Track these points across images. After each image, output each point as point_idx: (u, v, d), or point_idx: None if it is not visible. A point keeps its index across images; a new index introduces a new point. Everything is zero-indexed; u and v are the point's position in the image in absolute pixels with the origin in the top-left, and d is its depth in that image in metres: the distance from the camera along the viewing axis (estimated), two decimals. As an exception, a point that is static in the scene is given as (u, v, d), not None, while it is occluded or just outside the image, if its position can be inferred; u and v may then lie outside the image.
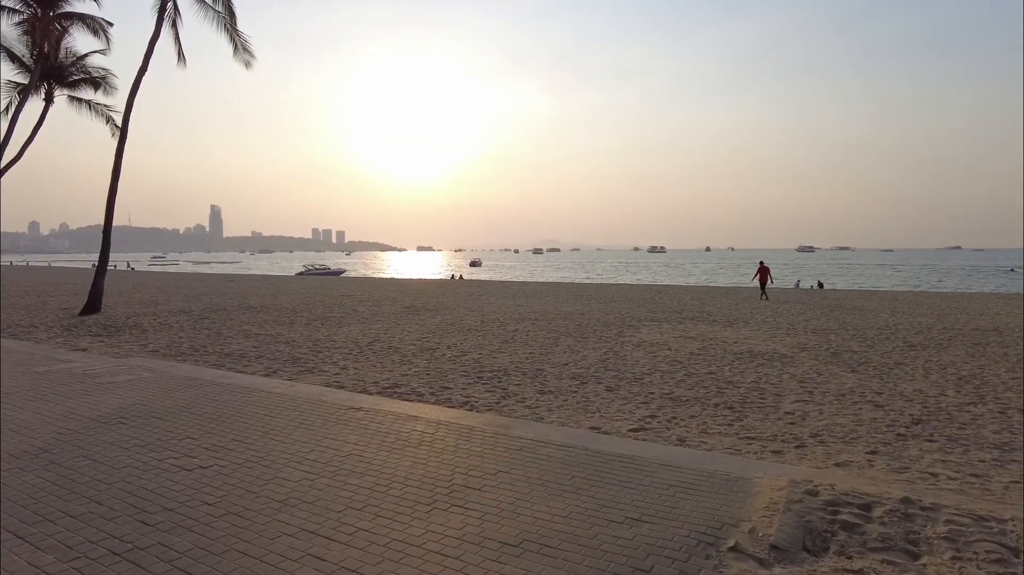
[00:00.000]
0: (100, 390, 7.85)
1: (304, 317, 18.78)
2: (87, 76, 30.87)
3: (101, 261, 20.30)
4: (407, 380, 9.50)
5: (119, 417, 6.62)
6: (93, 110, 31.39)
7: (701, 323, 17.59)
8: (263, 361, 11.11)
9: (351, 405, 7.29)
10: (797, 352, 12.58)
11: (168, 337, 14.12)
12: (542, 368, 10.60)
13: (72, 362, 10.01)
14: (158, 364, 9.98)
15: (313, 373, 10.05)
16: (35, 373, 9.02)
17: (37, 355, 10.75)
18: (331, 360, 11.33)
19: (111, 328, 15.80)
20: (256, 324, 16.95)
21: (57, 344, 12.96)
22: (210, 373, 9.19)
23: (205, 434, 6.06)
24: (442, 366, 10.75)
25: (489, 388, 9.00)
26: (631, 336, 14.86)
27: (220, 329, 15.75)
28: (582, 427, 6.92)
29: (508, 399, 8.32)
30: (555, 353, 12.23)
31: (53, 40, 28.33)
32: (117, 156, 20.40)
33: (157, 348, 12.43)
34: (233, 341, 13.58)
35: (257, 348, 12.65)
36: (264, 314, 19.64)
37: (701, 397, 8.64)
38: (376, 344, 13.34)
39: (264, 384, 8.45)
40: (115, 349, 12.30)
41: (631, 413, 7.70)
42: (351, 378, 9.63)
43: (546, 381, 9.55)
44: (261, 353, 11.98)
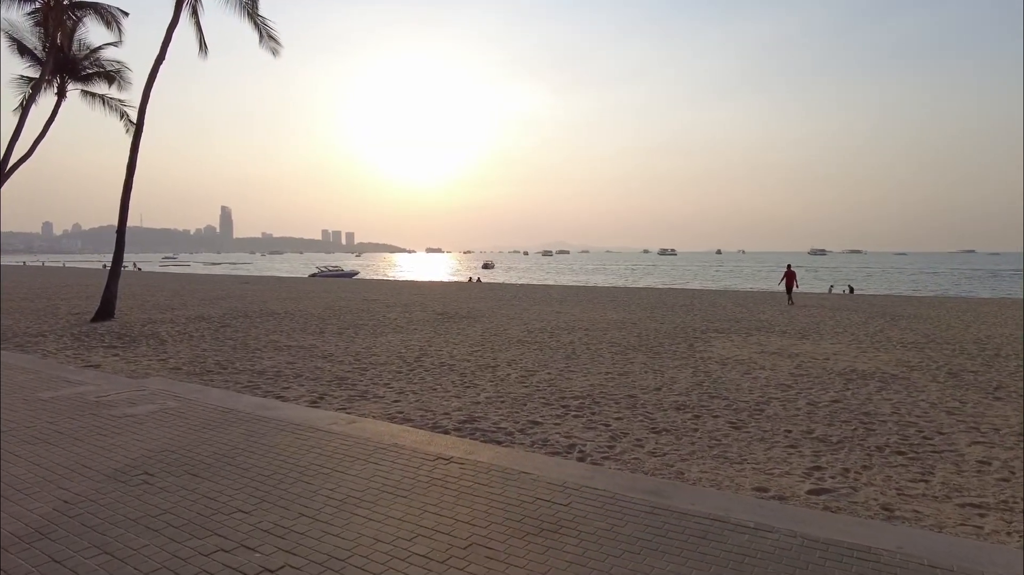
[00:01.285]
0: (117, 428, 6.25)
1: (333, 325, 17.21)
2: (101, 70, 29.50)
3: (115, 264, 18.82)
4: (483, 411, 7.88)
5: (143, 472, 5.02)
6: (107, 105, 30.04)
7: (771, 335, 15.91)
8: (304, 382, 9.51)
9: (438, 453, 5.65)
10: (906, 371, 10.94)
11: (190, 350, 12.56)
12: (633, 395, 8.95)
13: (83, 384, 8.44)
14: (183, 388, 8.40)
15: (367, 399, 8.44)
16: (39, 401, 7.45)
17: (43, 374, 9.19)
18: (381, 381, 9.73)
19: (126, 338, 14.26)
20: (284, 333, 15.39)
21: (67, 357, 11.42)
22: (247, 401, 7.58)
23: (260, 504, 4.44)
24: (513, 390, 9.12)
25: (587, 423, 7.36)
26: (705, 351, 13.20)
27: (246, 339, 14.18)
28: (744, 488, 5.27)
29: (620, 441, 6.68)
30: (635, 373, 10.58)
31: (66, 31, 26.94)
32: (132, 151, 18.93)
33: (179, 364, 10.86)
34: (263, 355, 12.01)
35: (292, 364, 11.08)
36: (290, 321, 18.08)
37: (850, 436, 6.99)
38: (425, 359, 11.73)
39: (317, 419, 6.84)
40: (132, 365, 10.74)
41: (785, 462, 6.06)
42: (415, 407, 8.01)
43: (650, 414, 7.90)
44: (299, 371, 10.39)
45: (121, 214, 18.70)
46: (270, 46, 22.14)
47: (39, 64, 27.59)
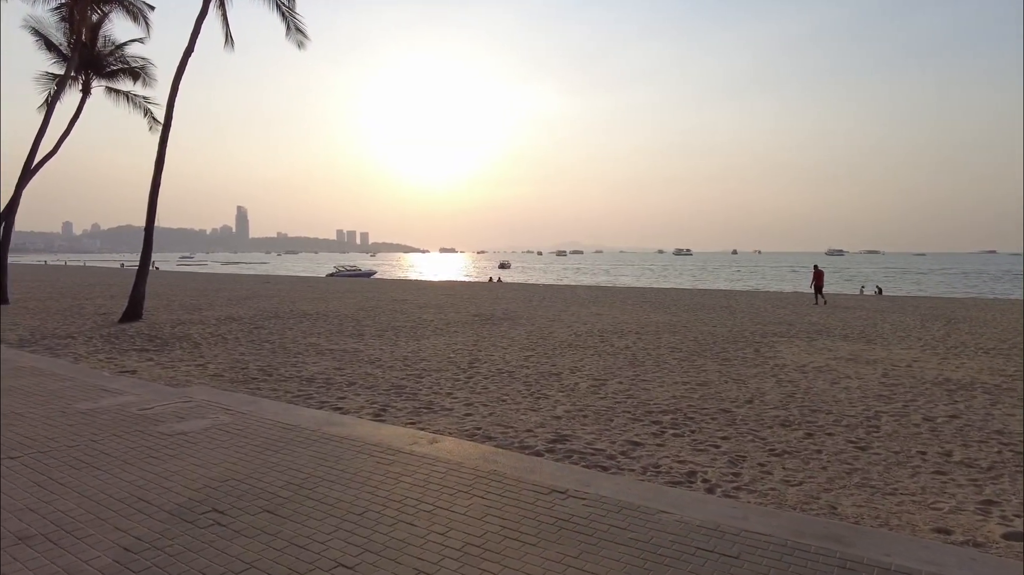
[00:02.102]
0: (170, 449, 5.45)
1: (370, 327, 16.42)
2: (126, 66, 28.97)
3: (143, 263, 18.15)
4: (568, 427, 7.01)
5: (210, 508, 4.21)
6: (131, 102, 29.55)
7: (834, 339, 14.96)
8: (359, 391, 8.71)
9: (548, 484, 4.80)
10: (1009, 381, 10.03)
11: (227, 354, 11.80)
12: (726, 409, 8.05)
13: (122, 394, 7.67)
14: (232, 399, 7.60)
15: (434, 411, 7.60)
16: (78, 413, 6.67)
17: (78, 381, 8.44)
18: (442, 389, 8.91)
19: (157, 340, 13.55)
20: (322, 336, 14.63)
21: (100, 361, 10.71)
22: (308, 415, 6.77)
23: (363, 555, 3.61)
24: (590, 402, 8.26)
25: (693, 444, 6.48)
26: (775, 357, 12.28)
27: (283, 342, 13.42)
28: (920, 529, 4.39)
29: (740, 466, 5.80)
30: (714, 383, 9.69)
31: (91, 26, 26.40)
32: (161, 146, 18.25)
33: (219, 370, 10.09)
34: (307, 360, 11.23)
35: (341, 370, 10.28)
36: (323, 322, 17.32)
37: (1000, 460, 6.10)
38: (479, 366, 10.89)
39: (393, 437, 6.01)
40: (169, 371, 9.98)
41: (943, 492, 5.21)
42: (491, 422, 7.16)
43: (756, 431, 7.01)
44: (351, 379, 9.59)
45: (149, 212, 18.04)
46: (296, 39, 21.44)
47: (64, 60, 27.11)
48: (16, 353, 11.10)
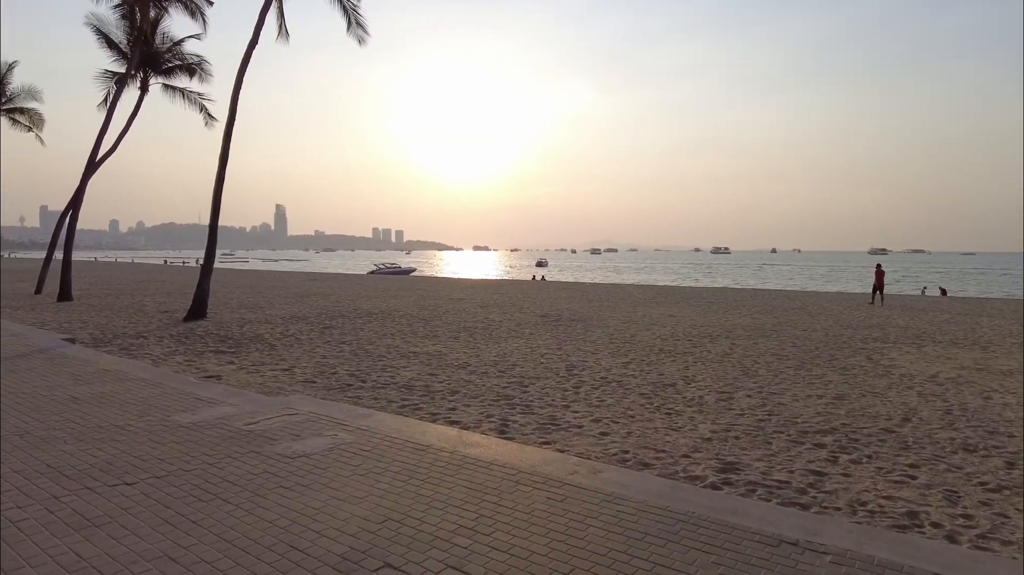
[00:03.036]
0: (299, 476, 4.73)
1: (442, 328, 15.70)
2: (183, 62, 28.84)
3: (207, 261, 17.73)
4: (727, 450, 6.13)
5: (381, 563, 3.42)
6: (187, 99, 29.41)
7: (946, 346, 13.76)
8: (466, 401, 7.96)
9: (772, 533, 3.89)
10: None
11: (308, 356, 11.19)
12: (888, 429, 7.07)
13: (218, 403, 7.02)
14: (341, 411, 6.89)
15: (563, 428, 6.79)
16: (180, 428, 6.00)
17: (166, 387, 7.84)
18: (554, 400, 8.13)
19: (230, 341, 13.03)
20: (397, 336, 13.95)
21: (179, 364, 10.17)
22: (435, 433, 6.00)
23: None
24: (731, 420, 7.38)
25: (884, 475, 5.53)
26: (891, 365, 11.29)
27: (360, 344, 12.78)
28: None
29: (968, 507, 4.82)
30: (852, 397, 8.74)
31: (151, 23, 26.27)
32: (225, 140, 17.82)
33: (309, 376, 9.44)
34: (394, 363, 10.55)
35: (435, 376, 9.56)
36: (391, 322, 16.68)
37: None
38: (581, 373, 10.06)
39: (542, 463, 5.21)
40: (255, 376, 9.36)
41: None
42: (633, 442, 6.31)
43: (943, 458, 6.07)
44: (451, 386, 8.84)
45: (214, 208, 17.64)
46: (357, 34, 20.84)
47: (124, 58, 27.07)
48: (94, 353, 10.63)
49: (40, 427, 5.97)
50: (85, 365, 9.37)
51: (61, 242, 25.37)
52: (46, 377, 8.44)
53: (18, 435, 5.71)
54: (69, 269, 22.84)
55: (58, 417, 6.36)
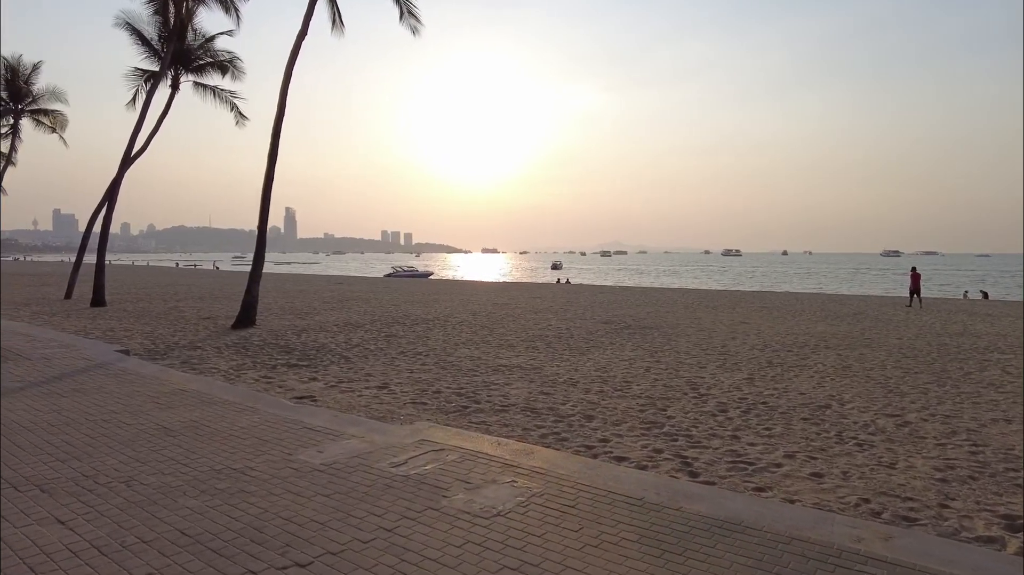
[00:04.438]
0: (512, 550, 3.63)
1: (510, 336, 14.59)
2: (215, 59, 27.88)
3: (255, 266, 16.64)
4: (984, 500, 4.88)
5: None
6: (217, 97, 28.46)
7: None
8: (613, 430, 6.85)
9: None
10: None
11: (393, 370, 10.10)
12: None
13: (339, 435, 5.90)
14: (488, 445, 5.76)
15: (758, 467, 5.64)
16: (316, 471, 4.87)
17: (265, 414, 6.72)
18: (715, 429, 6.99)
19: (295, 352, 11.94)
20: (471, 346, 12.84)
21: (256, 381, 9.07)
22: (634, 479, 4.86)
23: None
24: (951, 456, 6.14)
25: None
26: None
27: (440, 355, 11.68)
28: None
29: None
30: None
31: (185, 18, 25.30)
32: (274, 138, 16.75)
33: (412, 395, 8.31)
34: (494, 379, 9.46)
35: (550, 395, 8.46)
36: (454, 330, 15.56)
37: None
38: (710, 391, 8.94)
39: (800, 521, 4.07)
40: (351, 395, 8.24)
41: None
42: (866, 487, 5.12)
43: None
44: (581, 409, 7.70)
45: (263, 208, 16.56)
46: (410, 23, 19.73)
47: (155, 55, 26.12)
48: (158, 368, 9.52)
49: (146, 471, 4.84)
50: (156, 383, 8.27)
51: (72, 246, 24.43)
52: (120, 399, 7.33)
53: (123, 483, 4.58)
54: (102, 274, 21.85)
55: (158, 455, 5.23)
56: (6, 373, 8.90)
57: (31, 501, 4.24)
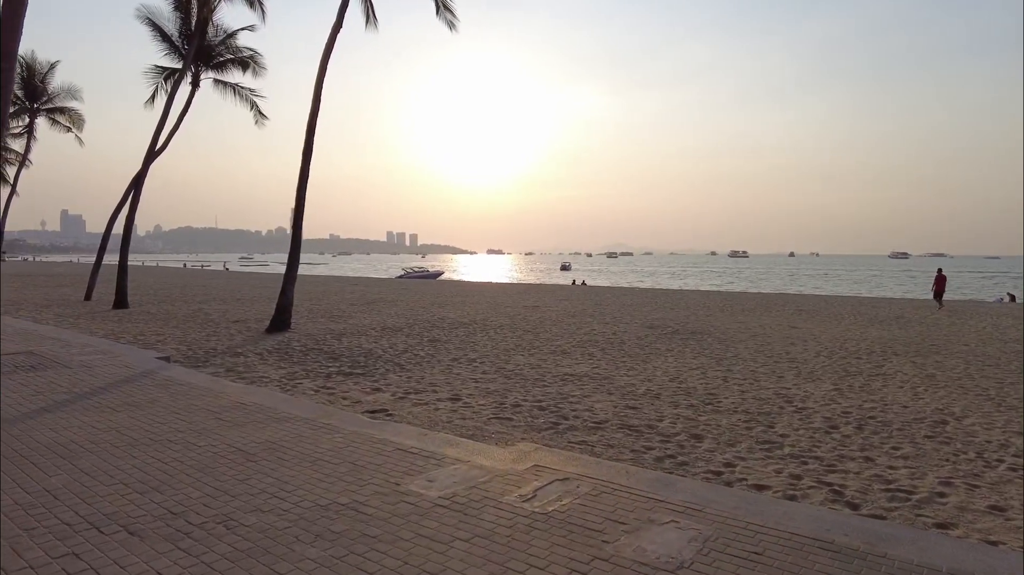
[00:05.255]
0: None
1: (560, 341, 13.94)
2: (235, 56, 27.29)
3: (290, 267, 15.98)
4: None
5: None
6: (238, 94, 27.85)
7: None
8: (731, 451, 6.17)
9: None
10: None
11: (457, 380, 9.44)
12: None
13: (439, 459, 5.27)
14: (608, 471, 5.17)
15: (925, 499, 4.87)
16: (438, 508, 4.19)
17: (345, 432, 6.07)
18: (841, 450, 6.29)
19: (343, 359, 11.31)
20: (524, 352, 12.20)
21: (315, 392, 8.43)
22: (809, 517, 4.20)
23: None
24: None
25: None
26: None
27: (496, 362, 11.01)
28: None
29: None
30: None
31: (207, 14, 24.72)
32: (308, 134, 16.12)
33: (491, 410, 7.63)
34: (568, 391, 8.81)
35: (637, 410, 7.80)
36: (498, 335, 14.90)
37: None
38: (805, 404, 8.28)
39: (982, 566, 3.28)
40: (424, 408, 7.58)
41: None
42: None
43: None
44: (683, 427, 7.03)
45: (297, 207, 15.92)
46: (447, 18, 19.07)
47: (176, 52, 25.55)
48: (207, 378, 8.87)
49: (241, 507, 4.18)
50: (210, 395, 7.62)
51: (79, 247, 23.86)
52: (179, 414, 6.67)
53: (221, 524, 3.91)
54: (125, 275, 21.25)
55: (247, 487, 4.56)
56: (48, 382, 8.27)
57: (123, 548, 3.58)
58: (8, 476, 4.74)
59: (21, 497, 4.35)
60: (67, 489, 4.51)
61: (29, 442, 5.63)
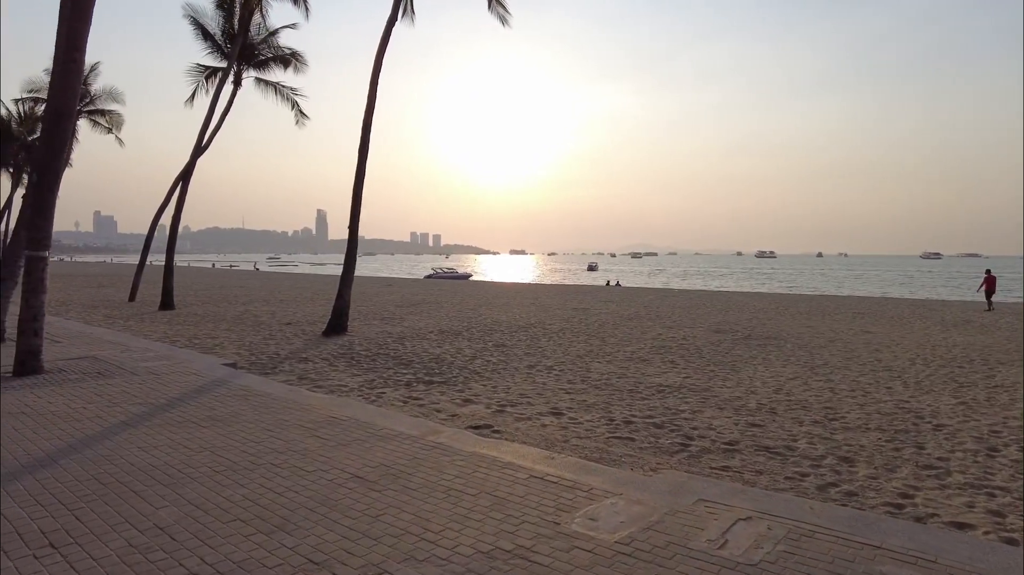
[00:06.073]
0: None
1: (631, 346, 13.25)
2: (277, 54, 26.96)
3: (347, 268, 15.48)
4: None
5: None
6: (279, 94, 27.53)
7: None
8: (899, 479, 5.33)
9: None
10: None
11: (548, 393, 8.74)
12: None
13: (588, 491, 4.63)
14: (790, 508, 4.49)
15: None
16: (620, 556, 3.51)
17: (462, 454, 5.46)
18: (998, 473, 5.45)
19: (415, 365, 10.72)
20: (599, 358, 11.50)
21: (402, 404, 7.84)
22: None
23: None
24: None
25: None
26: None
27: (577, 371, 10.34)
28: None
29: None
30: None
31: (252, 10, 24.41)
32: (364, 131, 15.60)
33: (609, 428, 6.93)
34: (675, 405, 8.07)
35: (763, 427, 7.03)
36: (561, 339, 14.26)
37: None
38: (945, 422, 7.42)
39: None
40: (529, 424, 6.91)
41: None
42: None
43: None
44: (829, 449, 6.26)
45: (354, 207, 15.42)
46: (498, 12, 18.43)
47: (219, 51, 25.31)
48: (286, 388, 8.33)
49: (391, 554, 3.57)
50: (296, 408, 7.06)
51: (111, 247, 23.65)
52: (271, 431, 6.10)
53: None
54: (171, 276, 20.98)
55: (385, 526, 3.95)
56: (121, 391, 7.78)
57: (276, 612, 2.94)
58: (113, 508, 4.19)
59: (134, 537, 3.77)
60: (180, 526, 3.93)
61: (122, 464, 5.09)
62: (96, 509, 4.18)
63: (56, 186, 8.78)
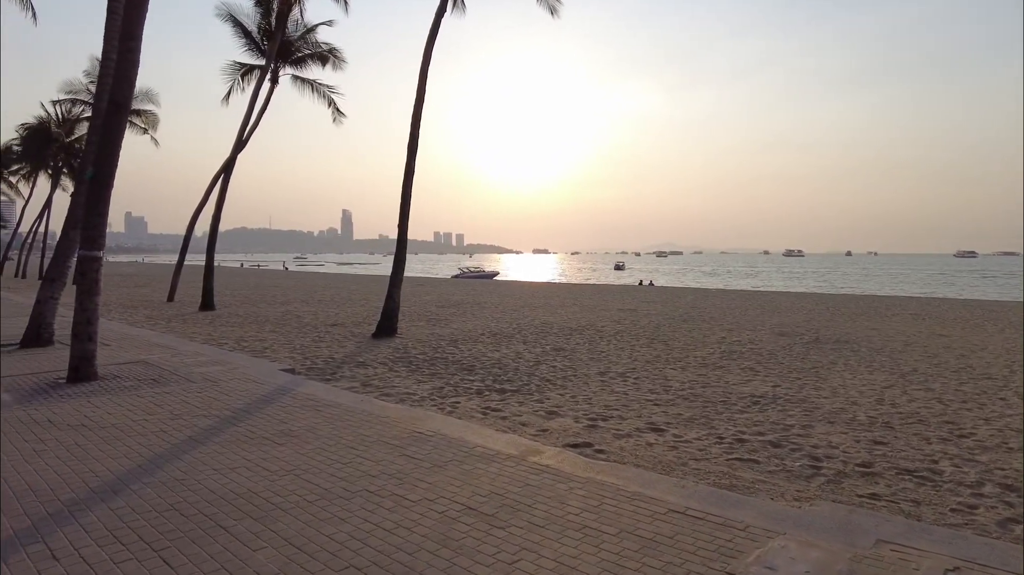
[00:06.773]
0: None
1: (700, 353, 12.54)
2: (315, 51, 26.59)
3: (396, 269, 14.94)
4: None
5: None
6: (316, 91, 27.16)
7: None
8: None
9: None
10: None
11: (634, 403, 8.07)
12: None
13: (747, 531, 3.92)
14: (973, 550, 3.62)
15: None
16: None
17: (582, 483, 4.83)
18: None
19: (478, 370, 10.14)
20: (675, 366, 10.84)
21: (482, 415, 7.27)
22: None
23: None
24: None
25: None
26: None
27: (657, 380, 9.68)
28: None
29: None
30: None
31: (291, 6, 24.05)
32: (413, 128, 15.04)
33: (722, 448, 6.23)
34: (779, 419, 7.39)
35: (887, 446, 6.31)
36: (624, 343, 13.60)
37: None
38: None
39: None
40: (630, 442, 6.25)
41: None
42: None
43: None
44: (986, 475, 5.47)
45: (403, 206, 14.87)
46: (549, 3, 17.78)
47: (256, 48, 25.02)
48: (355, 397, 7.77)
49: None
50: (375, 422, 6.50)
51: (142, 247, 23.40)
52: (353, 449, 5.53)
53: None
54: (212, 276, 20.70)
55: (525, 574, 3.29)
56: (180, 401, 7.29)
57: None
58: (203, 549, 3.61)
59: (237, 588, 3.18)
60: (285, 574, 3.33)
61: (201, 491, 4.53)
62: (185, 550, 3.62)
63: (111, 182, 8.33)
